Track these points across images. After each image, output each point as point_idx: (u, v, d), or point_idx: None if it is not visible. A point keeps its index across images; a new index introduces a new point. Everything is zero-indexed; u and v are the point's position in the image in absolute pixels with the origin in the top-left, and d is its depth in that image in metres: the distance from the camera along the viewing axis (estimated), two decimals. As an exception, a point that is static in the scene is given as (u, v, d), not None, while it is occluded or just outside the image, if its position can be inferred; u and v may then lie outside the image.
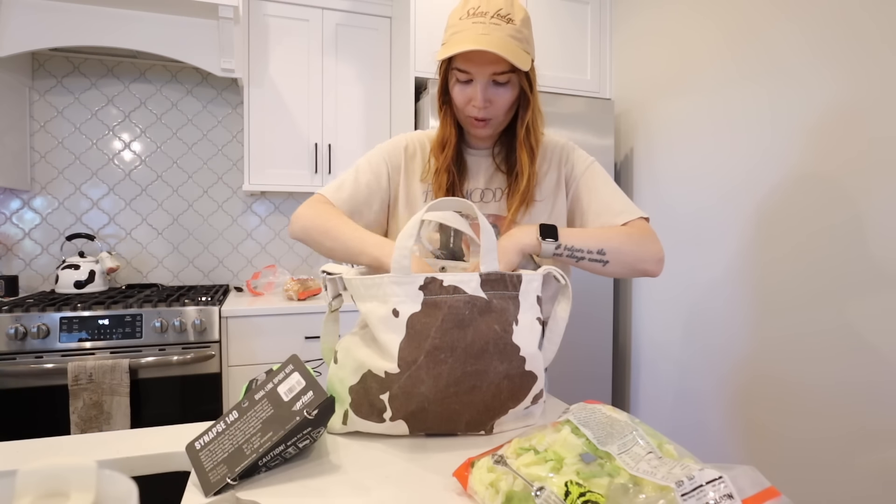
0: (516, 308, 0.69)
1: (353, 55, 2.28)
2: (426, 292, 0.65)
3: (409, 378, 0.65)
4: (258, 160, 2.16)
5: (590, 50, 2.21)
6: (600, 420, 0.54)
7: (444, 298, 0.65)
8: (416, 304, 0.65)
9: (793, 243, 1.46)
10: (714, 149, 1.74)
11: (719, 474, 0.41)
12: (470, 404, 0.68)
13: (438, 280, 0.65)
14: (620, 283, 2.21)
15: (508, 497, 0.49)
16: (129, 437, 0.71)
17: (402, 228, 0.72)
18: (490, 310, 0.66)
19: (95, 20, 1.87)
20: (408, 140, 0.96)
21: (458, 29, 0.81)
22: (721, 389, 1.70)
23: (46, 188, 2.17)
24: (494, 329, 0.66)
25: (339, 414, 0.73)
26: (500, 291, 0.67)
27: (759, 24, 1.57)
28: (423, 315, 0.64)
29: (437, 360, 0.64)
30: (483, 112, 0.85)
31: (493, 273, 0.67)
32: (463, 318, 0.65)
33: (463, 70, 0.83)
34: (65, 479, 0.43)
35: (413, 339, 0.64)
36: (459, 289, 0.65)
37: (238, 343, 1.90)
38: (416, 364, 0.64)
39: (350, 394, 0.71)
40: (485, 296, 0.66)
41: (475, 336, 0.65)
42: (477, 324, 0.65)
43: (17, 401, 1.63)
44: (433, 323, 0.64)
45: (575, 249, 0.82)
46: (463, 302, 0.65)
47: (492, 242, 0.68)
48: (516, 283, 0.69)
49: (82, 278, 2.01)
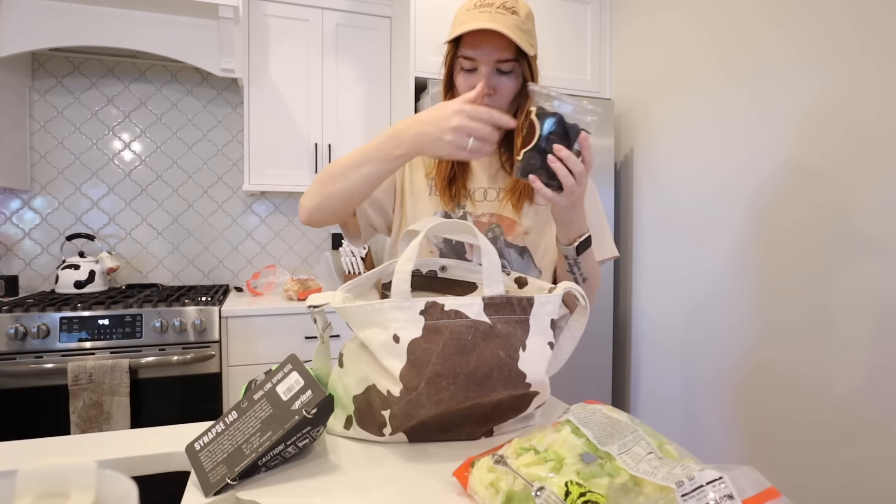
0: (524, 332, 0.66)
1: (353, 55, 2.28)
2: (427, 317, 0.63)
3: (409, 402, 0.63)
4: (258, 160, 2.16)
5: (590, 50, 2.21)
6: (600, 420, 0.54)
7: (446, 323, 0.62)
8: (416, 329, 0.63)
9: (794, 242, 1.47)
10: (714, 148, 1.74)
11: (719, 475, 0.41)
12: (469, 416, 0.68)
13: (440, 304, 0.63)
14: (621, 281, 2.21)
15: (508, 497, 0.49)
16: (129, 437, 0.71)
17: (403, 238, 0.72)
18: (494, 335, 0.63)
19: (95, 20, 1.87)
20: None
21: (465, 19, 0.82)
22: (721, 384, 1.70)
23: (46, 188, 2.17)
24: (499, 355, 0.63)
25: (342, 418, 0.73)
26: (505, 315, 0.64)
27: (759, 23, 1.57)
28: (424, 341, 0.62)
29: (438, 387, 0.62)
30: (487, 100, 0.84)
31: (497, 297, 0.65)
32: (465, 344, 0.62)
33: (468, 57, 0.83)
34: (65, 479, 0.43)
35: (414, 365, 0.62)
36: (461, 313, 0.63)
37: (238, 343, 1.90)
38: (418, 391, 0.62)
39: (354, 403, 0.70)
40: (488, 320, 0.63)
41: (478, 363, 0.62)
42: (480, 349, 0.62)
43: (17, 401, 1.63)
44: (434, 349, 0.62)
45: (578, 266, 0.85)
46: (465, 327, 0.62)
47: (494, 265, 0.66)
48: (525, 306, 0.66)
49: (82, 278, 2.01)
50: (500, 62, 0.82)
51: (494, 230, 0.91)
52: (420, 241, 0.67)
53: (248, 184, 2.15)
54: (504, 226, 0.92)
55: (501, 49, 0.81)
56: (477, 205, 0.92)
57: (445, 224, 0.71)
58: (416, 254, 0.66)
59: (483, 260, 0.66)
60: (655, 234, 2.02)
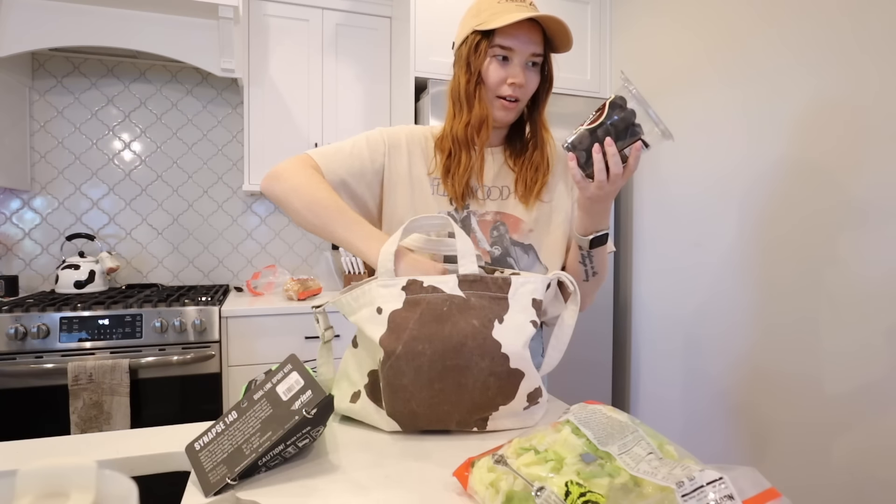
0: (501, 308, 0.70)
1: (353, 55, 2.28)
2: (408, 292, 0.69)
3: (390, 369, 0.67)
4: (258, 160, 2.16)
5: (590, 50, 2.21)
6: (601, 420, 0.54)
7: (424, 296, 0.68)
8: (398, 302, 0.68)
9: (794, 241, 1.47)
10: (713, 147, 1.74)
11: (720, 475, 0.41)
12: (459, 404, 0.69)
13: (419, 281, 0.69)
14: (621, 281, 2.21)
15: (508, 497, 0.49)
16: (129, 437, 0.71)
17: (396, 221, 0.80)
18: (468, 307, 0.68)
19: (95, 20, 1.87)
20: (408, 130, 0.94)
21: (499, 10, 0.82)
22: (722, 384, 1.70)
23: (46, 188, 2.17)
24: (473, 324, 0.67)
25: (348, 393, 0.76)
26: (479, 291, 0.70)
27: (759, 23, 1.57)
28: (404, 311, 0.68)
29: (415, 351, 0.66)
30: (517, 91, 0.86)
31: (471, 275, 0.70)
32: (441, 314, 0.67)
33: (505, 47, 0.84)
34: (65, 479, 0.42)
35: (393, 331, 0.67)
36: (438, 288, 0.69)
37: (238, 343, 1.90)
38: (396, 354, 0.66)
39: (369, 377, 0.74)
40: (462, 294, 0.69)
41: (452, 330, 0.67)
42: (455, 319, 0.67)
43: (17, 401, 1.63)
44: (412, 317, 0.67)
45: (591, 259, 0.88)
46: (441, 299, 0.68)
47: (468, 248, 0.72)
48: (502, 285, 0.70)
49: (82, 278, 2.01)
50: (534, 55, 0.85)
51: (499, 228, 0.92)
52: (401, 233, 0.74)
53: (248, 184, 2.15)
54: (508, 223, 0.92)
55: (536, 43, 0.85)
56: (481, 203, 0.92)
57: (423, 219, 0.77)
58: (398, 238, 0.73)
59: (458, 243, 0.72)
60: (655, 233, 2.02)
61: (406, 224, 0.74)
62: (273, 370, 0.64)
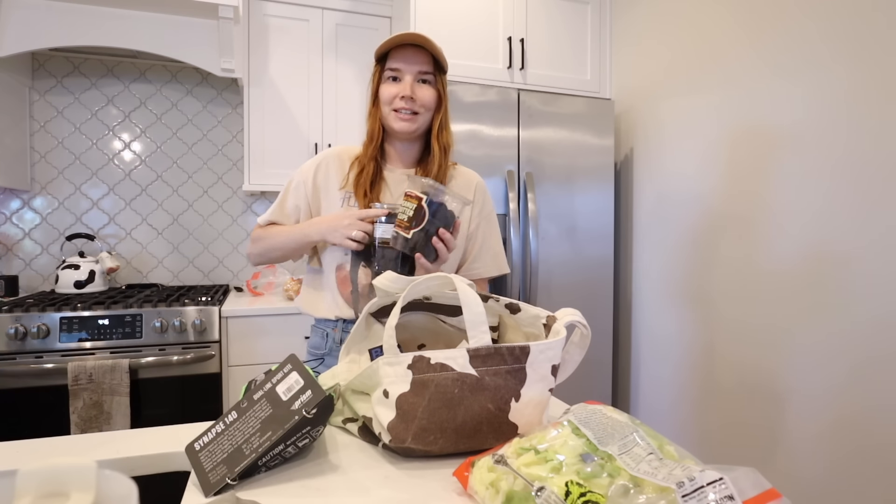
0: (518, 382, 0.63)
1: (353, 55, 2.28)
2: (414, 371, 0.62)
3: (399, 450, 0.65)
4: (258, 160, 2.16)
5: (590, 50, 2.21)
6: (601, 420, 0.54)
7: (432, 377, 0.61)
8: (405, 383, 0.62)
9: (795, 244, 1.47)
10: (713, 147, 1.74)
11: (720, 475, 0.41)
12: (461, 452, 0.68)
13: (426, 358, 0.62)
14: (621, 281, 2.21)
15: (508, 497, 0.49)
16: (129, 437, 0.71)
17: None
18: (482, 388, 0.61)
19: (95, 20, 1.87)
20: (321, 158, 1.10)
21: (390, 41, 0.99)
22: (722, 384, 1.70)
23: (46, 188, 2.17)
24: (488, 408, 0.62)
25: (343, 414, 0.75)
26: (494, 367, 0.62)
27: (759, 23, 1.57)
28: (412, 395, 0.62)
29: (426, 441, 0.62)
30: (409, 104, 1.00)
31: (483, 348, 0.62)
32: (452, 398, 0.61)
33: (394, 68, 1.00)
34: (65, 479, 0.42)
35: (402, 419, 0.62)
36: (447, 366, 0.61)
37: (238, 343, 1.90)
38: (406, 444, 0.63)
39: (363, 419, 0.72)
40: (475, 373, 0.61)
41: (466, 416, 0.61)
42: (468, 403, 0.61)
43: (17, 401, 1.63)
44: (420, 403, 0.61)
45: None
46: (451, 380, 0.61)
47: (477, 315, 0.64)
48: (519, 355, 0.63)
49: (82, 278, 2.01)
50: (421, 73, 1.00)
51: None
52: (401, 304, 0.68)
53: (248, 184, 2.15)
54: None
55: (423, 62, 1.00)
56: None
57: (425, 282, 0.71)
58: (397, 317, 0.67)
59: (465, 313, 0.64)
60: (655, 234, 2.02)
61: (406, 291, 0.70)
62: (273, 370, 0.64)
